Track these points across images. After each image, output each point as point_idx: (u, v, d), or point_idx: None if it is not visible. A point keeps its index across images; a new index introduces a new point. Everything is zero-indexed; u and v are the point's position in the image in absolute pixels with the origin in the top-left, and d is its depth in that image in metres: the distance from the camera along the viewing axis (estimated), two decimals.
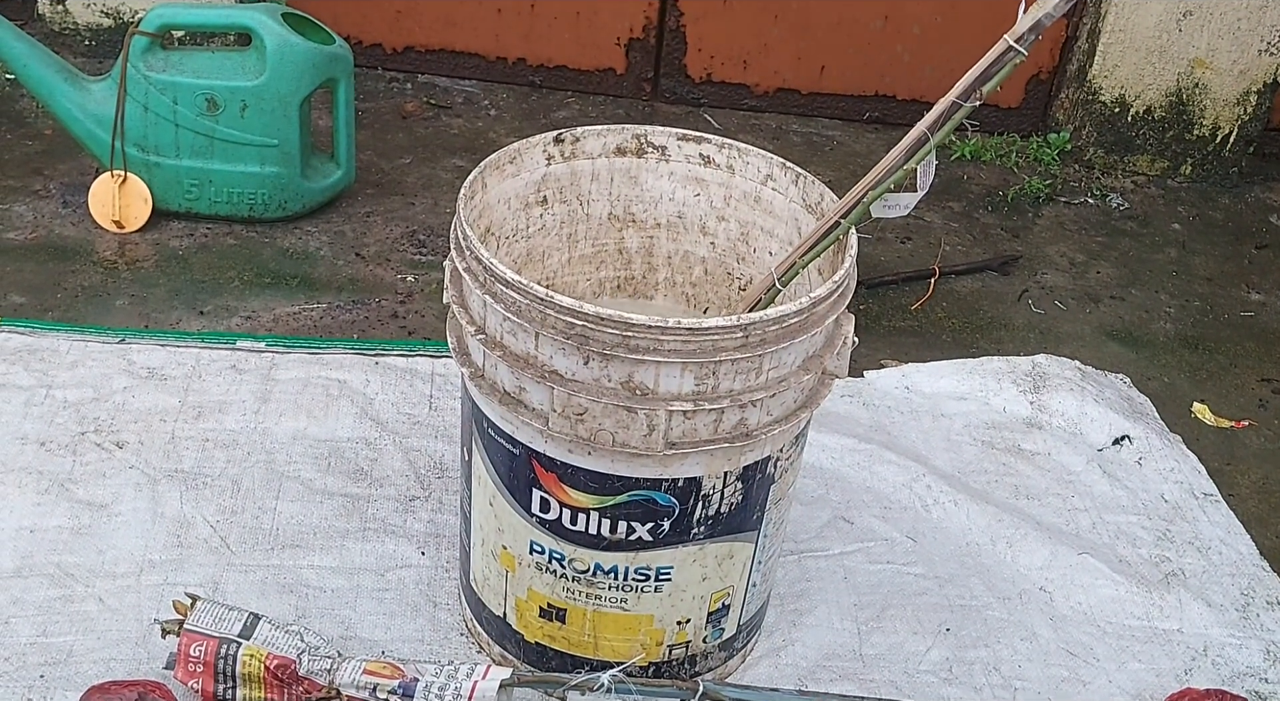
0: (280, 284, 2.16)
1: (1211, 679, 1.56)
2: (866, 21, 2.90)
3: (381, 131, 2.72)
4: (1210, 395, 2.17)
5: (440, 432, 1.80)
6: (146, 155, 2.20)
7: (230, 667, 1.30)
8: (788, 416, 1.24)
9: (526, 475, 1.26)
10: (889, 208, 1.24)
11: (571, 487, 1.24)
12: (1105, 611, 1.64)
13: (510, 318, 1.16)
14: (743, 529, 1.32)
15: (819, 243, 1.27)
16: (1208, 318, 2.42)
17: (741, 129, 2.92)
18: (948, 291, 2.38)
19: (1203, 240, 2.71)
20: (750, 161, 1.42)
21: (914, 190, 1.23)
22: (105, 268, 2.15)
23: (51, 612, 1.45)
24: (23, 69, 2.17)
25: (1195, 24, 2.75)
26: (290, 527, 1.61)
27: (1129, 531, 1.79)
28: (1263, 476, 1.98)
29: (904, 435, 1.92)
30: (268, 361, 1.90)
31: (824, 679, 1.49)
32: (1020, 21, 1.12)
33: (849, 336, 1.26)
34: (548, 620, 1.36)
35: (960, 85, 1.16)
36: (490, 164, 1.34)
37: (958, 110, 1.16)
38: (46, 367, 1.83)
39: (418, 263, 2.27)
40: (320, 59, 2.20)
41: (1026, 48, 1.13)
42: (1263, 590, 1.71)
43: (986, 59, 1.15)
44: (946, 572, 1.67)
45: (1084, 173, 2.92)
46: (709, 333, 1.12)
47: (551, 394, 1.17)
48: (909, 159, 1.20)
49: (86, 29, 2.84)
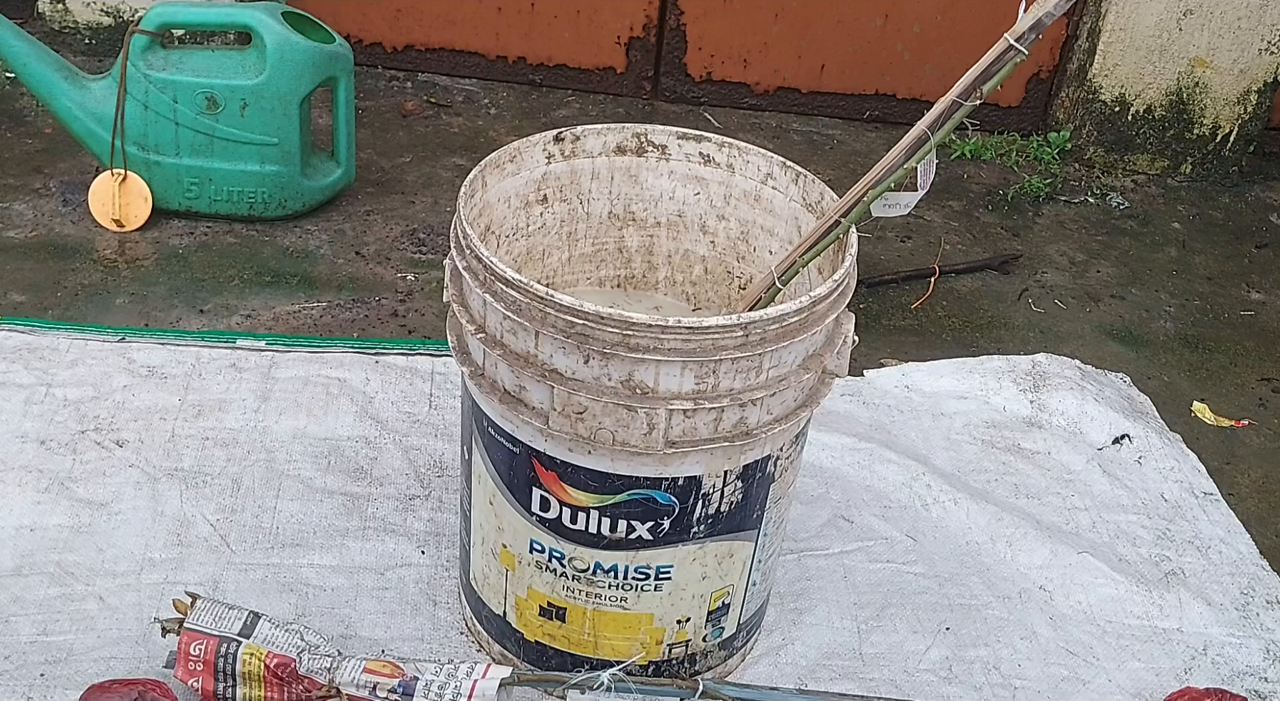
0: (280, 282, 2.16)
1: (1211, 678, 1.56)
2: (867, 20, 2.90)
3: (381, 130, 2.72)
4: (1210, 394, 2.17)
5: (440, 431, 1.80)
6: (146, 154, 2.20)
7: (230, 666, 1.30)
8: (788, 415, 1.24)
9: (526, 474, 1.26)
10: (889, 206, 1.24)
11: (571, 486, 1.24)
12: (1105, 610, 1.64)
13: (510, 316, 1.16)
14: (743, 528, 1.32)
15: (819, 241, 1.27)
16: (1208, 317, 2.42)
17: (742, 128, 2.92)
18: (948, 290, 2.38)
19: (1203, 239, 2.71)
20: (750, 160, 1.42)
21: (914, 189, 1.23)
22: (105, 266, 2.15)
23: (52, 611, 1.45)
24: (23, 67, 2.17)
25: (1196, 23, 2.75)
26: (290, 526, 1.61)
27: (1129, 530, 1.79)
28: (1262, 475, 1.98)
29: (904, 434, 1.92)
30: (268, 360, 1.90)
31: (824, 677, 1.49)
32: (1020, 20, 1.12)
33: (849, 335, 1.26)
34: (548, 619, 1.36)
35: (960, 84, 1.16)
36: (490, 162, 1.34)
37: (958, 109, 1.16)
38: (46, 366, 1.83)
39: (418, 261, 2.27)
40: (320, 58, 2.20)
41: (1027, 47, 1.13)
42: (1262, 589, 1.71)
43: (987, 58, 1.15)
44: (946, 571, 1.67)
45: (1084, 172, 2.92)
46: (709, 331, 1.12)
47: (551, 393, 1.17)
48: (909, 158, 1.20)
49: (86, 27, 2.84)
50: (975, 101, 1.16)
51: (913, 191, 1.23)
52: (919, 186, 1.23)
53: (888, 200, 1.23)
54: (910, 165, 1.20)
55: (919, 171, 1.21)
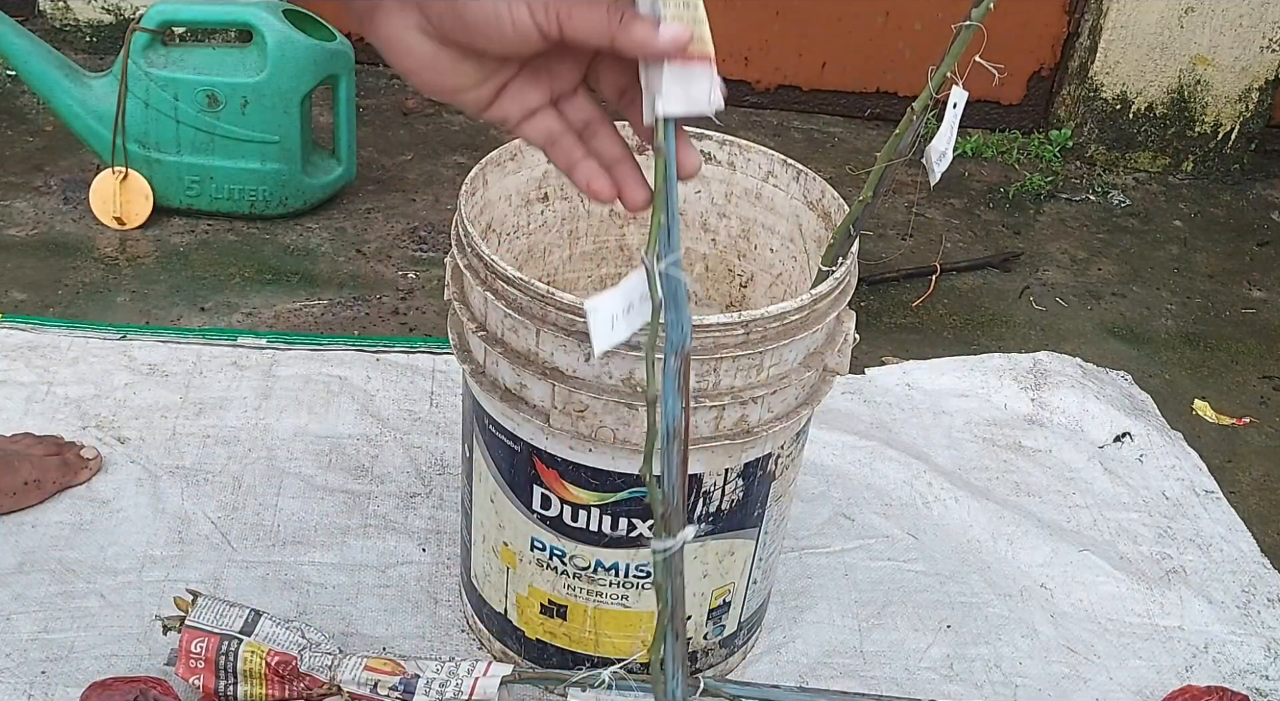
0: (281, 280, 2.16)
1: (1212, 676, 1.56)
2: (868, 18, 2.90)
3: (383, 128, 2.72)
4: (1211, 392, 2.17)
5: (441, 429, 1.80)
6: (147, 151, 2.20)
7: (231, 664, 1.30)
8: (788, 413, 1.24)
9: (527, 471, 1.26)
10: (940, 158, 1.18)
11: (572, 484, 1.24)
12: (1106, 608, 1.64)
13: (511, 314, 1.16)
14: (743, 526, 1.32)
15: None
16: (1209, 315, 2.42)
17: (742, 126, 2.92)
18: (949, 288, 2.38)
19: (1204, 237, 2.71)
20: (751, 158, 1.42)
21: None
22: (106, 264, 2.15)
23: (53, 609, 1.45)
24: (23, 65, 2.17)
25: (1197, 21, 2.75)
26: (291, 524, 1.61)
27: (1130, 528, 1.79)
28: (1264, 473, 1.98)
29: (905, 432, 1.92)
30: (269, 358, 1.90)
31: (825, 676, 1.49)
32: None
33: (850, 333, 1.26)
34: (549, 617, 1.36)
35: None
36: (491, 160, 1.34)
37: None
38: (47, 364, 1.83)
39: (419, 259, 2.27)
40: (321, 55, 2.20)
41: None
42: (1264, 587, 1.71)
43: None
44: (947, 569, 1.67)
45: (1085, 169, 2.92)
46: (710, 329, 1.12)
47: (552, 391, 1.17)
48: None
49: (87, 25, 2.84)
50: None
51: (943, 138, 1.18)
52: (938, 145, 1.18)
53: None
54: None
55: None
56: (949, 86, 1.17)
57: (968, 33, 1.11)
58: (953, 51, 1.12)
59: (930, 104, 1.16)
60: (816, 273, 1.28)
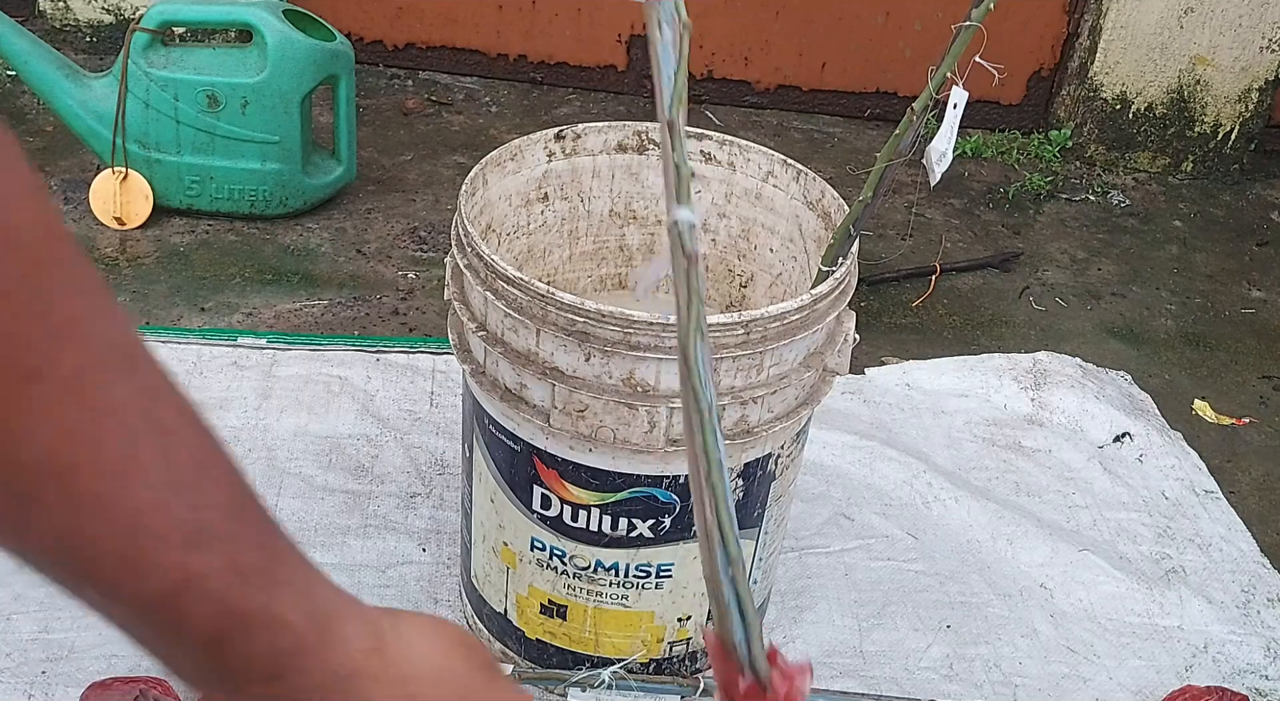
0: (281, 280, 2.16)
1: (1212, 676, 1.56)
2: (868, 18, 2.90)
3: (382, 128, 2.72)
4: (1211, 392, 2.17)
5: (441, 429, 1.80)
6: (148, 152, 2.20)
7: None
8: (789, 413, 1.24)
9: (527, 471, 1.26)
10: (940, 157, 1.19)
11: (572, 484, 1.24)
12: (1106, 608, 1.64)
13: (511, 314, 1.16)
14: (743, 526, 1.32)
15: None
16: (1209, 315, 2.42)
17: (742, 126, 2.92)
18: (949, 288, 2.38)
19: (1204, 237, 2.71)
20: (751, 158, 1.42)
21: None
22: (106, 264, 2.15)
23: (53, 608, 1.45)
24: (23, 65, 2.17)
25: (1196, 21, 2.75)
26: (291, 524, 1.61)
27: (1130, 528, 1.79)
28: (1263, 473, 1.98)
29: (904, 432, 1.92)
30: (269, 358, 1.90)
31: (825, 675, 1.49)
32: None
33: (850, 333, 1.26)
34: (549, 617, 1.36)
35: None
36: (491, 160, 1.34)
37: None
38: None
39: (419, 259, 2.27)
40: (321, 56, 2.20)
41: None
42: (1263, 587, 1.71)
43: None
44: (947, 569, 1.67)
45: (1085, 169, 2.92)
46: (710, 330, 1.12)
47: (552, 390, 1.17)
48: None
49: (87, 25, 2.84)
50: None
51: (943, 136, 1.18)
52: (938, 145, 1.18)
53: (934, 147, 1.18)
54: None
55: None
56: (949, 86, 1.17)
57: (968, 33, 1.11)
58: (953, 52, 1.12)
59: (930, 104, 1.16)
60: (816, 273, 1.28)
